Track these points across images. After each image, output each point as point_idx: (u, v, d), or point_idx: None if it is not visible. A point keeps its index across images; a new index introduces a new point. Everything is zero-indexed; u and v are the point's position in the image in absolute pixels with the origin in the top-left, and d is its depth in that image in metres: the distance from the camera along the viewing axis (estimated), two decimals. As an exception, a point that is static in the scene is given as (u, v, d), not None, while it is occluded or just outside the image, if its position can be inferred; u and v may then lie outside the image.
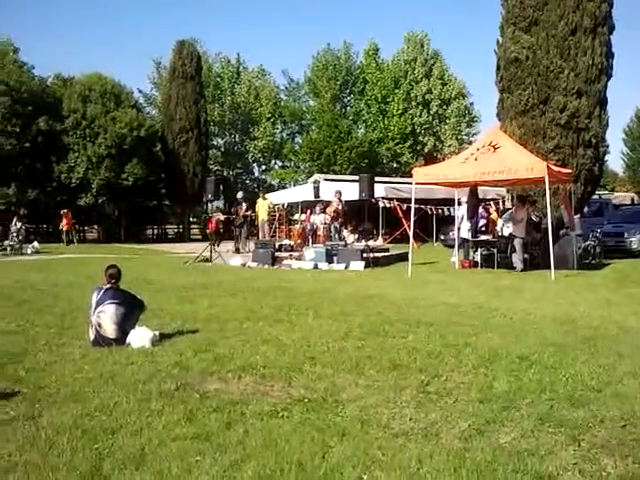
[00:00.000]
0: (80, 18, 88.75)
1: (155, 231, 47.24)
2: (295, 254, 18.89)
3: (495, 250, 16.36)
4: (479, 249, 16.90)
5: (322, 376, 5.38)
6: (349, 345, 6.63)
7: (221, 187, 24.10)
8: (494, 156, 14.78)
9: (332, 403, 4.64)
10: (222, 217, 27.19)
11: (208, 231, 28.83)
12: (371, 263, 16.97)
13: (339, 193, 20.91)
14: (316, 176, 33.21)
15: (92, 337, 6.66)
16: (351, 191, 20.69)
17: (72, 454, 3.66)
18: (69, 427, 4.09)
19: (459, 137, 50.63)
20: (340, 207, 20.64)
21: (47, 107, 36.18)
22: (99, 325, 6.61)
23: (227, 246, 21.94)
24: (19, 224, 25.78)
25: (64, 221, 31.52)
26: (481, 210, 19.15)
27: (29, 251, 24.43)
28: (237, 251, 21.07)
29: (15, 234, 24.87)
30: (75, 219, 33.55)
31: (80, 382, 5.19)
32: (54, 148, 35.85)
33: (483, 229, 18.71)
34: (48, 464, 3.52)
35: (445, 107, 49.78)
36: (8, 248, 23.89)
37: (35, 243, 25.80)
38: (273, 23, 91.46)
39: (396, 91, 48.30)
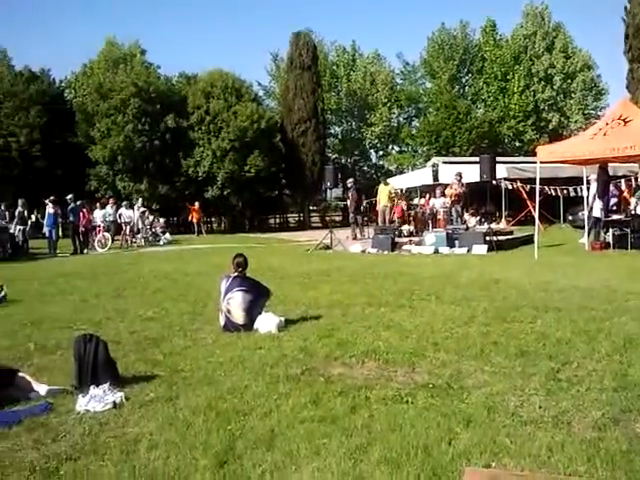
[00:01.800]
0: (200, 16, 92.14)
1: (277, 220, 48.43)
2: (415, 239, 18.75)
3: (628, 230, 15.42)
4: (611, 229, 15.99)
5: (446, 362, 5.34)
6: (473, 331, 6.52)
7: (339, 175, 24.26)
8: (625, 130, 13.90)
9: (457, 389, 4.59)
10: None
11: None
12: (494, 247, 16.51)
13: (459, 175, 20.45)
14: (434, 159, 32.65)
15: (222, 323, 6.98)
16: (471, 173, 20.18)
17: (207, 434, 3.87)
18: (204, 409, 4.32)
19: (586, 112, 47.89)
20: (461, 190, 20.20)
21: (173, 105, 38.05)
22: (228, 311, 6.92)
23: (345, 233, 22.13)
24: (151, 217, 27.34)
25: (193, 214, 33.00)
26: (612, 188, 18.07)
27: (162, 242, 25.90)
28: (355, 237, 21.21)
29: (148, 226, 26.40)
30: (203, 211, 35.01)
31: (212, 366, 5.47)
32: (181, 144, 37.67)
33: (614, 208, 17.68)
34: (186, 443, 3.75)
35: (569, 81, 47.23)
36: (143, 240, 25.43)
37: (167, 235, 27.28)
38: (387, 7, 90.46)
39: (516, 67, 46.45)
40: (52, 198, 21.96)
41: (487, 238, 16.93)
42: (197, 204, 33.09)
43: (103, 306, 9.13)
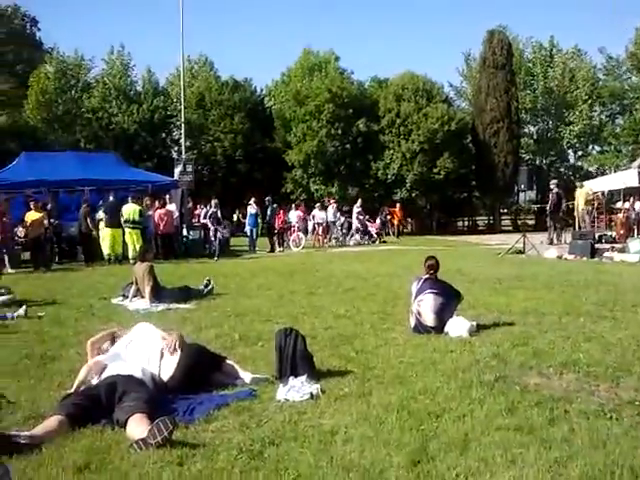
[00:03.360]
0: (391, 20, 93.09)
1: (466, 223, 47.56)
2: (617, 246, 17.43)
3: None
4: None
5: (656, 379, 4.93)
6: (688, 347, 5.94)
7: (534, 177, 23.26)
8: None
9: (669, 409, 4.23)
10: None
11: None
12: None
13: (671, 177, 18.67)
14: (641, 160, 30.08)
15: (412, 324, 7.03)
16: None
17: (400, 432, 3.92)
18: (397, 407, 4.38)
19: None
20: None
21: (365, 109, 38.92)
22: (419, 313, 6.95)
23: (539, 237, 21.13)
24: (342, 218, 28.13)
25: (395, 215, 33.07)
26: None
27: (351, 243, 26.58)
28: (551, 242, 20.19)
29: (339, 227, 27.22)
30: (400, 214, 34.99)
31: (404, 366, 5.53)
32: (371, 147, 38.43)
33: None
34: (380, 439, 3.83)
35: None
36: (333, 240, 26.29)
37: (357, 236, 27.93)
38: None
39: None
40: (253, 199, 23.54)
41: None
42: (398, 206, 33.32)
43: (299, 302, 9.60)
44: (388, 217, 32.56)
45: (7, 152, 29.30)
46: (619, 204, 27.45)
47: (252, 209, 23.24)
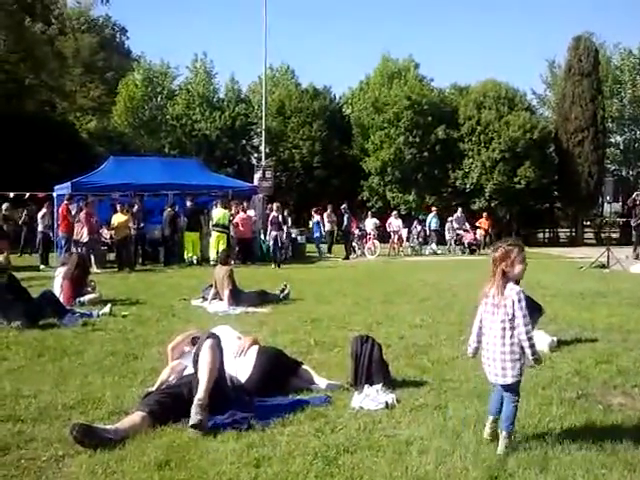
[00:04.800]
0: (471, 26, 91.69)
1: (546, 234, 46.18)
2: None
3: None
4: None
5: None
6: None
7: (620, 188, 22.39)
8: None
9: None
10: None
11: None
12: None
13: None
14: None
15: (490, 337, 6.89)
16: None
17: (478, 446, 3.87)
18: (474, 421, 4.32)
19: None
20: None
21: (444, 116, 38.45)
22: (497, 326, 6.81)
23: (624, 252, 20.29)
24: (419, 227, 27.85)
25: (482, 225, 32.18)
26: None
27: (427, 252, 26.31)
28: (637, 257, 19.36)
29: (415, 236, 27.01)
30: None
31: (481, 379, 5.39)
32: (450, 155, 37.93)
33: None
34: (456, 452, 3.79)
35: None
36: (409, 249, 26.10)
37: (433, 245, 27.60)
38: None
39: None
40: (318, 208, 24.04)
41: None
42: (485, 215, 32.62)
43: (374, 309, 9.61)
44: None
45: (96, 156, 30.72)
46: None
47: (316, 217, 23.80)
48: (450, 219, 27.25)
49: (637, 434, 4.05)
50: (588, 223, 44.76)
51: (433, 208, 28.35)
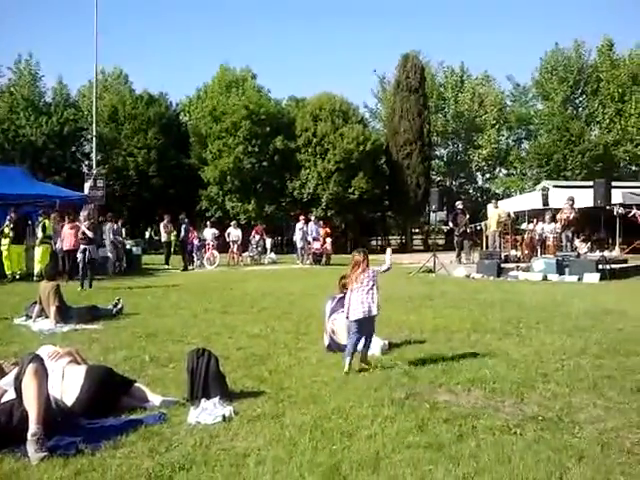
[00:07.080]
0: (309, 41, 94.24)
1: (379, 242, 48.38)
2: (522, 265, 18.20)
3: None
4: None
5: (556, 394, 5.15)
6: (585, 363, 6.26)
7: (444, 198, 23.98)
8: None
9: (568, 423, 4.43)
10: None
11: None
12: (607, 275, 15.76)
13: (572, 200, 19.71)
14: (544, 183, 31.62)
15: (326, 343, 7.06)
16: (584, 198, 19.43)
17: (314, 453, 3.92)
18: (310, 427, 4.37)
19: None
20: (572, 215, 19.44)
21: (282, 127, 39.13)
22: (333, 332, 6.99)
23: (449, 257, 21.76)
24: (257, 236, 27.96)
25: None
26: None
27: (266, 261, 26.49)
28: (460, 262, 20.81)
29: (255, 245, 27.05)
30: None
31: (317, 385, 5.54)
32: (288, 165, 38.63)
33: None
34: (293, 460, 3.81)
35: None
36: (249, 258, 26.12)
37: (272, 254, 27.86)
38: (497, 28, 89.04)
39: (634, 88, 44.29)
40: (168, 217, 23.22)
41: (600, 266, 16.19)
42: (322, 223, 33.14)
43: (212, 321, 9.46)
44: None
45: None
46: (524, 225, 28.67)
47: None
48: (300, 227, 26.45)
49: (460, 429, 4.31)
50: (417, 230, 47.50)
51: (301, 217, 27.31)
